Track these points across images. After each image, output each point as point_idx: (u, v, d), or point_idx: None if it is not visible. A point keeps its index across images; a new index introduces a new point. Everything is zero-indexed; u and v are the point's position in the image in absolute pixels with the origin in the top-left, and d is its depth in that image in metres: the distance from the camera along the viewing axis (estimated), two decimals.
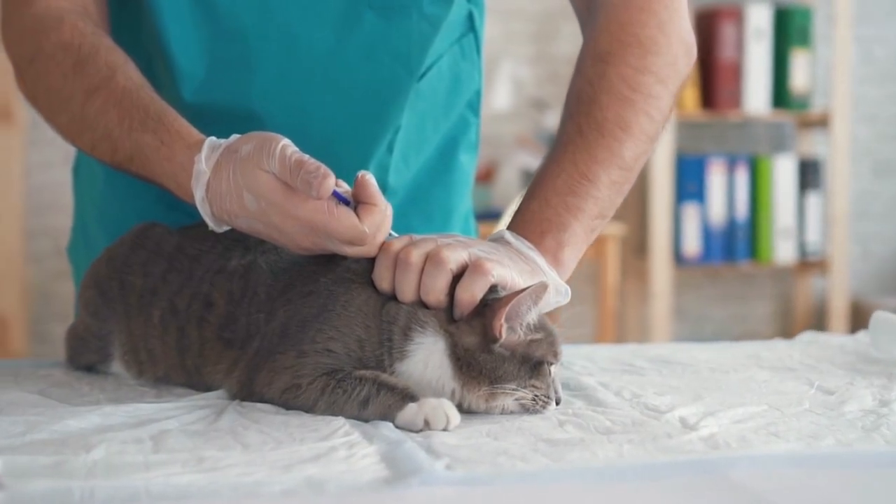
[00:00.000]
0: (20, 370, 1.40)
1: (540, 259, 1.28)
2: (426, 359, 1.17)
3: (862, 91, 4.60)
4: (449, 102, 1.60)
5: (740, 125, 4.59)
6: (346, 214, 1.17)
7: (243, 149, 1.20)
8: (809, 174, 4.41)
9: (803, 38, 4.34)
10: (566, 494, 0.94)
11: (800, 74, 4.34)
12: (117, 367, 1.36)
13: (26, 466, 0.96)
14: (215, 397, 1.23)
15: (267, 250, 1.28)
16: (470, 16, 1.60)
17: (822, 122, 4.41)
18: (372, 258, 1.21)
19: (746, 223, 4.37)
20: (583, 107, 1.37)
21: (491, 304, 1.16)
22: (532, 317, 1.17)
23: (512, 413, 1.17)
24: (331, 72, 1.47)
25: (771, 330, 4.61)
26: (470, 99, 1.64)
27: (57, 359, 1.46)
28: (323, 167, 1.15)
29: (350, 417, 1.14)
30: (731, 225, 4.36)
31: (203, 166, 1.22)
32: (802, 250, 4.41)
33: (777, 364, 1.47)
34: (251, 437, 1.07)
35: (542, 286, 1.17)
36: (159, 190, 1.31)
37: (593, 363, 1.46)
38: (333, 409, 1.15)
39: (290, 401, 1.17)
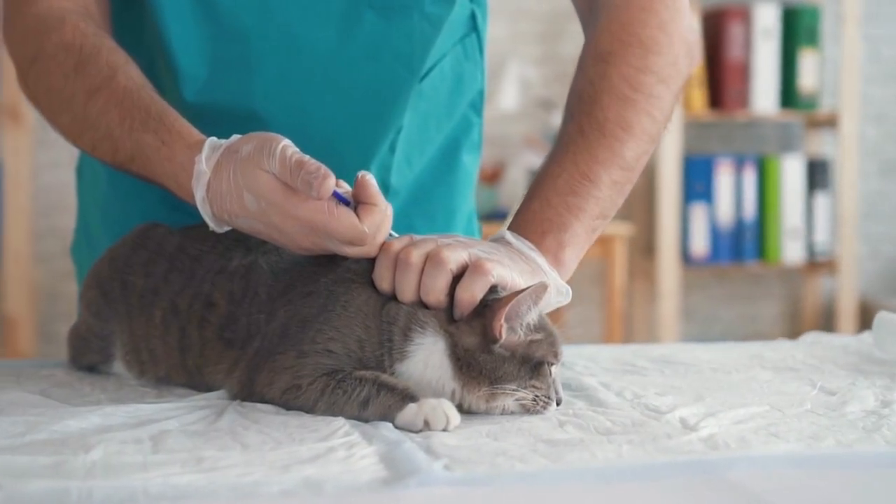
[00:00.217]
0: (22, 370, 1.40)
1: (541, 259, 1.28)
2: (426, 359, 1.16)
3: (870, 91, 4.59)
4: (451, 103, 1.60)
5: (748, 125, 4.58)
6: (346, 214, 1.17)
7: (244, 149, 1.19)
8: (817, 174, 4.40)
9: (811, 38, 4.33)
10: (565, 495, 0.94)
11: (808, 74, 4.33)
12: (119, 368, 1.36)
13: (25, 467, 0.96)
14: (216, 397, 1.23)
15: (268, 251, 1.28)
16: (472, 16, 1.59)
17: (831, 122, 4.40)
18: (372, 258, 1.21)
19: (754, 223, 4.36)
20: (584, 107, 1.37)
21: (491, 305, 1.16)
22: (532, 317, 1.17)
23: (512, 414, 1.17)
24: (332, 72, 1.47)
25: (779, 330, 4.60)
26: (473, 99, 1.64)
27: (62, 359, 1.46)
28: (323, 167, 1.15)
29: (350, 418, 1.14)
30: (739, 225, 4.35)
31: (203, 166, 1.22)
32: (811, 250, 4.40)
33: (780, 364, 1.46)
34: (251, 438, 1.07)
35: (542, 286, 1.16)
36: (162, 190, 1.31)
37: (595, 363, 1.45)
38: (333, 410, 1.15)
39: (291, 401, 1.17)
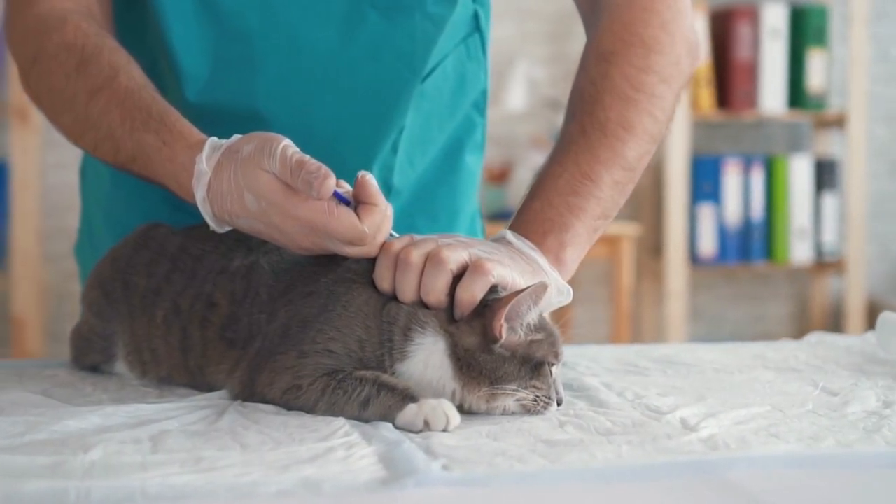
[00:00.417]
0: (25, 370, 1.40)
1: (542, 259, 1.27)
2: (426, 359, 1.16)
3: (878, 91, 4.58)
4: (454, 103, 1.60)
5: (756, 125, 4.58)
6: (347, 214, 1.17)
7: (244, 149, 1.19)
8: (826, 174, 4.39)
9: (819, 38, 4.33)
10: (563, 495, 0.93)
11: (816, 74, 4.33)
12: (121, 368, 1.36)
13: (24, 467, 0.96)
14: (217, 398, 1.22)
15: (269, 251, 1.28)
16: (475, 16, 1.59)
17: (839, 122, 4.39)
18: (373, 258, 1.21)
19: (762, 223, 4.35)
20: (586, 106, 1.37)
21: (491, 305, 1.15)
22: (532, 317, 1.17)
23: (513, 414, 1.17)
24: (334, 72, 1.47)
25: (787, 330, 4.59)
26: (476, 99, 1.63)
27: (66, 359, 1.46)
28: (324, 167, 1.15)
29: (350, 418, 1.13)
30: (747, 225, 4.35)
31: (204, 166, 1.22)
32: (819, 250, 4.39)
33: (782, 365, 1.46)
34: (250, 438, 1.06)
35: (542, 286, 1.16)
36: (164, 191, 1.31)
37: (598, 364, 1.45)
38: (334, 410, 1.15)
39: (291, 401, 1.17)
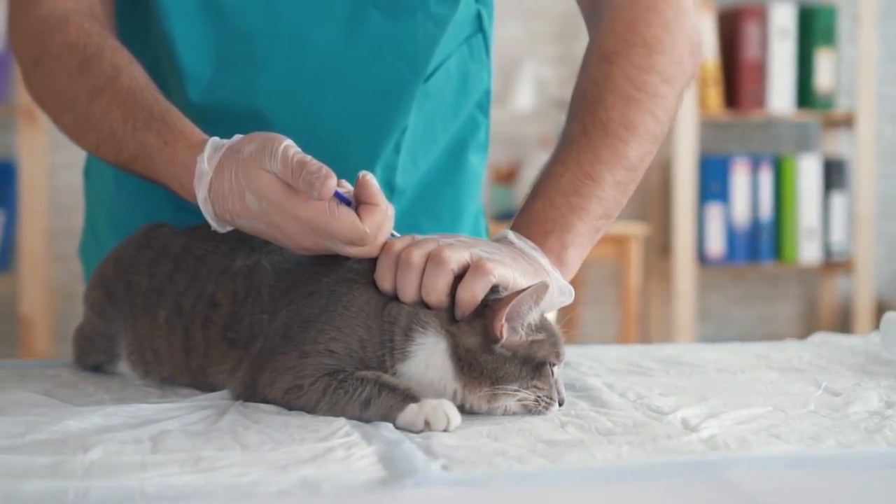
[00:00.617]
0: (28, 370, 1.40)
1: (543, 259, 1.27)
2: (427, 359, 1.16)
3: (887, 90, 4.57)
4: (457, 103, 1.59)
5: (764, 125, 4.57)
6: (347, 214, 1.17)
7: (246, 149, 1.19)
8: (834, 174, 4.38)
9: (828, 38, 4.32)
10: (563, 495, 0.93)
11: (824, 74, 4.32)
12: (124, 368, 1.36)
13: (24, 466, 0.95)
14: (219, 398, 1.22)
15: (271, 251, 1.28)
16: (478, 16, 1.59)
17: (847, 122, 4.39)
18: (374, 259, 1.21)
19: (770, 223, 4.35)
20: (588, 106, 1.37)
21: (492, 305, 1.15)
22: (533, 317, 1.17)
23: (515, 414, 1.17)
24: (337, 72, 1.47)
25: (796, 331, 4.58)
26: (479, 99, 1.63)
27: (69, 359, 1.46)
28: (325, 168, 1.15)
29: (352, 418, 1.13)
30: (756, 225, 4.34)
31: (205, 166, 1.22)
32: (827, 250, 4.38)
33: (786, 365, 1.45)
34: (251, 438, 1.06)
35: (543, 286, 1.16)
36: (168, 191, 1.31)
37: (601, 364, 1.45)
38: (335, 410, 1.15)
39: (293, 401, 1.17)
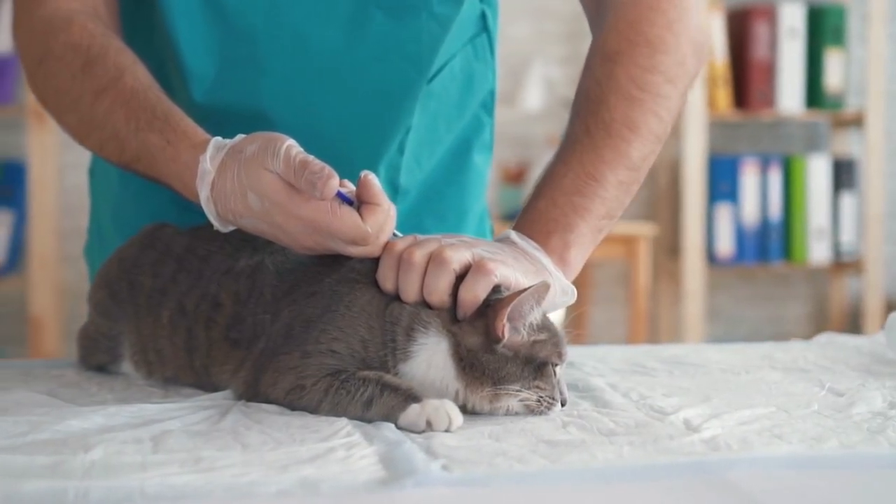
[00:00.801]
0: (32, 370, 1.40)
1: (546, 259, 1.27)
2: (429, 359, 1.16)
3: None
4: (462, 103, 1.59)
5: (773, 125, 4.56)
6: (349, 214, 1.17)
7: (248, 149, 1.19)
8: (844, 174, 4.37)
9: (837, 37, 4.31)
10: (563, 495, 0.93)
11: (834, 73, 4.31)
12: (128, 368, 1.36)
13: (24, 466, 0.95)
14: (221, 398, 1.22)
15: (274, 251, 1.28)
16: (483, 16, 1.59)
17: (857, 122, 4.38)
18: (376, 258, 1.21)
19: (780, 223, 4.34)
20: (591, 106, 1.37)
21: (493, 305, 1.15)
22: (535, 317, 1.16)
23: (517, 414, 1.16)
24: (340, 72, 1.46)
25: (805, 331, 4.57)
26: (484, 99, 1.63)
27: (74, 359, 1.46)
28: (327, 167, 1.15)
29: (354, 418, 1.13)
30: (765, 225, 4.33)
31: (208, 165, 1.22)
32: (837, 251, 4.38)
33: (790, 365, 1.45)
34: (252, 438, 1.06)
35: (544, 286, 1.16)
36: (173, 191, 1.32)
37: (605, 364, 1.45)
38: (337, 410, 1.14)
39: (295, 401, 1.17)
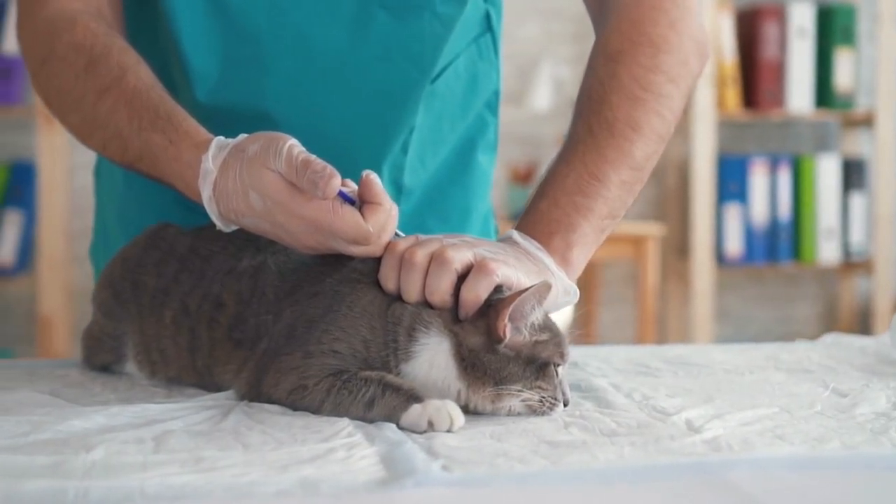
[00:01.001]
0: (37, 370, 1.41)
1: (548, 259, 1.27)
2: (431, 359, 1.16)
3: None
4: (466, 103, 1.59)
5: (783, 125, 4.55)
6: (351, 213, 1.17)
7: (250, 148, 1.19)
8: (853, 174, 4.37)
9: (847, 37, 4.30)
10: (563, 496, 0.93)
11: (843, 73, 4.30)
12: (131, 368, 1.36)
13: (24, 466, 0.95)
14: (224, 398, 1.22)
15: (277, 251, 1.28)
16: (487, 16, 1.59)
17: (867, 122, 4.37)
18: (378, 258, 1.21)
19: (789, 223, 4.33)
20: (594, 106, 1.36)
21: (494, 305, 1.15)
22: (537, 317, 1.16)
23: (519, 415, 1.16)
24: (344, 72, 1.47)
25: (815, 331, 4.56)
26: (488, 99, 1.63)
27: (78, 359, 1.47)
28: (329, 167, 1.15)
29: (355, 418, 1.13)
30: (774, 225, 4.33)
31: (210, 165, 1.22)
32: (846, 251, 4.37)
33: (795, 366, 1.45)
34: (253, 438, 1.06)
35: (546, 285, 1.16)
36: (176, 191, 1.32)
37: (609, 364, 1.44)
38: (339, 410, 1.14)
39: (297, 402, 1.17)
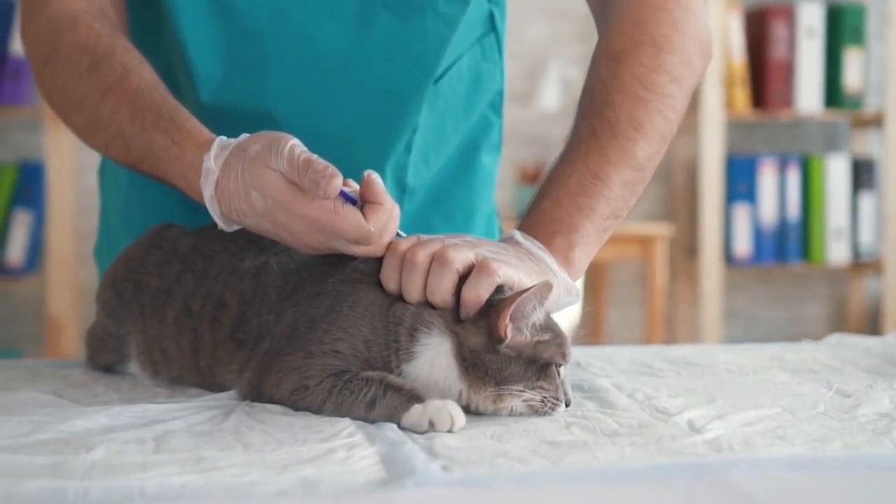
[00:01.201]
0: (40, 370, 1.41)
1: (550, 259, 1.27)
2: (432, 360, 1.16)
3: None
4: (469, 103, 1.59)
5: (792, 125, 4.55)
6: (352, 213, 1.17)
7: (252, 148, 1.19)
8: (863, 174, 4.36)
9: (856, 37, 4.29)
10: (563, 496, 0.93)
11: (853, 73, 4.29)
12: (134, 368, 1.37)
13: (25, 466, 0.96)
14: (226, 398, 1.22)
15: (279, 251, 1.28)
16: (491, 16, 1.58)
17: (876, 121, 4.36)
18: (380, 259, 1.21)
19: (798, 223, 4.32)
20: (596, 106, 1.36)
21: (496, 305, 1.15)
22: (538, 317, 1.16)
23: (520, 415, 1.16)
24: (346, 72, 1.46)
25: (824, 332, 4.51)
26: (492, 99, 1.63)
27: (81, 359, 1.47)
28: (331, 167, 1.15)
29: (357, 419, 1.13)
30: (783, 225, 4.32)
31: (212, 165, 1.22)
32: (855, 251, 4.36)
33: (799, 366, 1.44)
34: (254, 438, 1.06)
35: (547, 285, 1.15)
36: (179, 191, 1.32)
37: (612, 364, 1.44)
38: (340, 411, 1.14)
39: (298, 402, 1.17)
